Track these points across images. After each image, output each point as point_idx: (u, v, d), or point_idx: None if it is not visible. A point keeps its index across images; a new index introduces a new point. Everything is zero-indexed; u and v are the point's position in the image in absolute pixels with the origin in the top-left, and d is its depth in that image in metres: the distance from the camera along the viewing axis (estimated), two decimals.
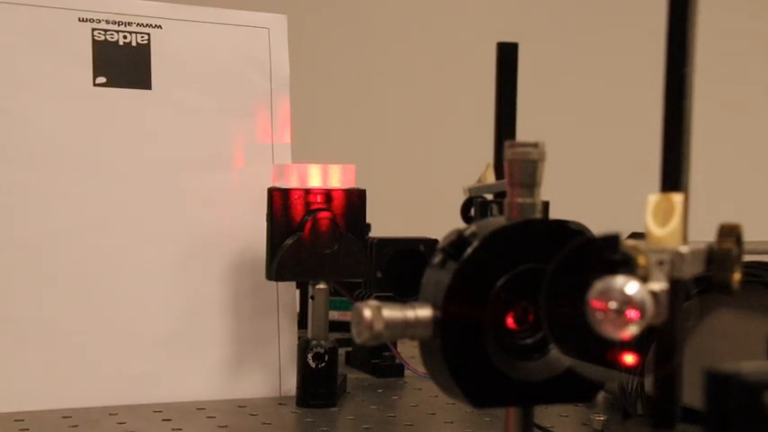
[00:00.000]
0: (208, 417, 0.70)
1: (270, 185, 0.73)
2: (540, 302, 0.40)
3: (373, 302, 0.42)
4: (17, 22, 0.74)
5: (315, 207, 0.72)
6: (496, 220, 0.44)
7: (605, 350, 0.39)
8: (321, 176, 0.73)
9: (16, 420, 0.67)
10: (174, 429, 0.66)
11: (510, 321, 0.44)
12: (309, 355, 0.73)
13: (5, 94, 0.73)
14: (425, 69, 1.54)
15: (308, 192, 0.73)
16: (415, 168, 1.51)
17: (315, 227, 0.72)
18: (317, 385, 0.73)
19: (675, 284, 0.37)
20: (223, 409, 0.72)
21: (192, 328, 0.76)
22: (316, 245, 0.72)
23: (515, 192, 0.45)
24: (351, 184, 0.74)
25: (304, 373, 0.74)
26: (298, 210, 0.72)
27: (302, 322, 0.80)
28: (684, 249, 0.37)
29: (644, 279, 0.37)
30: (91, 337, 0.73)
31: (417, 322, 0.43)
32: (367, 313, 0.42)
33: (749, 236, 0.42)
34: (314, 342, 0.74)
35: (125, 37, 0.77)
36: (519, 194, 0.45)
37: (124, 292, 0.75)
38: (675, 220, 0.38)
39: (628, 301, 0.36)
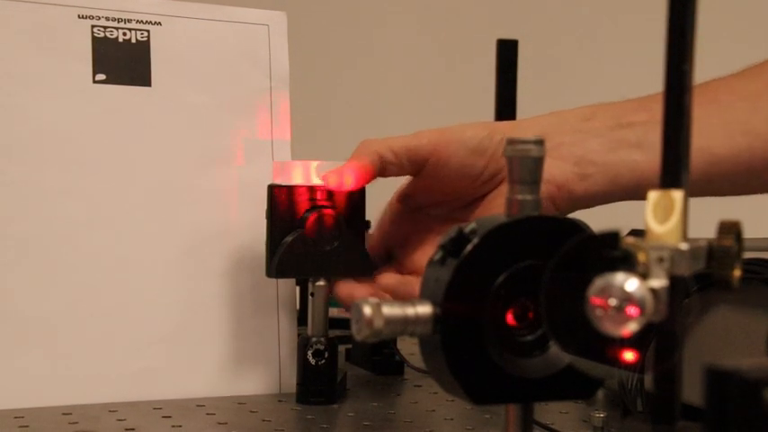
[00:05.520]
0: (207, 413, 0.70)
1: (269, 182, 0.73)
2: (540, 299, 0.41)
3: (373, 300, 0.42)
4: (17, 18, 0.74)
5: (315, 204, 0.72)
6: (496, 217, 0.44)
7: (605, 347, 0.39)
8: (321, 174, 0.73)
9: (16, 417, 0.67)
10: (173, 426, 0.66)
11: (510, 318, 0.44)
12: (309, 352, 0.73)
13: (5, 91, 0.73)
14: (425, 66, 1.54)
15: (307, 189, 0.73)
16: None
17: (315, 224, 0.72)
18: (317, 382, 0.73)
19: (675, 281, 0.37)
20: (223, 406, 0.72)
21: (191, 325, 0.76)
22: (316, 242, 0.72)
23: (515, 189, 0.45)
24: None
25: (304, 370, 0.74)
26: (298, 207, 0.72)
27: (302, 319, 0.80)
28: (684, 246, 0.37)
29: (644, 276, 0.37)
30: (90, 333, 0.73)
31: (417, 319, 0.43)
32: (367, 310, 0.42)
33: (749, 233, 0.42)
34: (314, 339, 0.74)
35: (125, 34, 0.77)
36: (519, 191, 0.45)
37: (124, 288, 0.75)
38: (675, 217, 0.38)
39: (627, 298, 0.36)
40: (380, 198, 0.79)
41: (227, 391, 0.76)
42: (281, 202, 0.72)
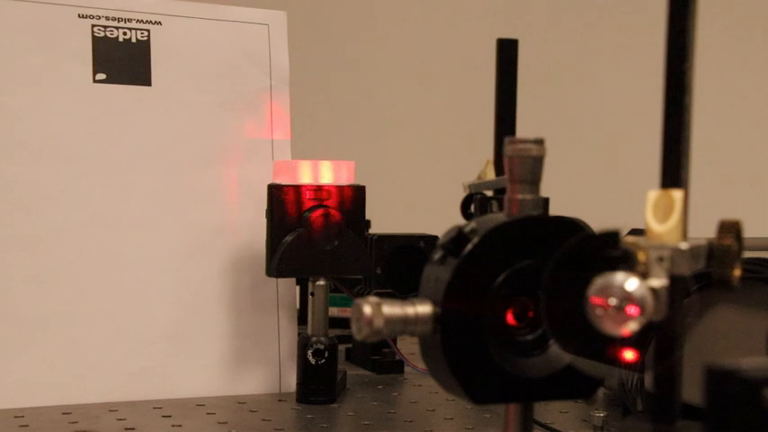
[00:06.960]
0: (208, 413, 0.70)
1: (269, 182, 0.73)
2: (540, 299, 0.40)
3: (373, 299, 0.42)
4: (17, 18, 0.74)
5: (314, 203, 0.73)
6: (496, 217, 0.44)
7: (605, 346, 0.39)
8: (320, 173, 0.73)
9: (16, 416, 0.68)
10: (173, 425, 0.66)
11: (510, 318, 0.44)
12: (309, 352, 0.73)
13: (5, 91, 0.73)
14: (425, 65, 1.54)
15: (307, 188, 0.73)
16: (414, 165, 1.51)
17: (315, 223, 0.72)
18: (317, 382, 0.74)
19: (675, 281, 0.37)
20: (223, 406, 0.72)
21: (192, 325, 0.76)
22: (316, 241, 0.72)
23: (515, 188, 0.45)
24: (350, 181, 0.74)
25: (304, 370, 0.74)
26: (297, 206, 0.72)
27: (302, 319, 0.80)
28: (684, 245, 0.37)
29: (644, 275, 0.37)
30: (91, 333, 0.73)
31: (417, 319, 0.43)
32: (367, 310, 0.42)
33: (749, 232, 0.42)
34: (314, 338, 0.74)
35: (125, 33, 0.77)
36: (519, 191, 0.45)
37: (124, 288, 0.75)
38: (675, 217, 0.38)
39: (628, 298, 0.36)
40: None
41: (228, 391, 0.76)
42: (281, 201, 0.72)
